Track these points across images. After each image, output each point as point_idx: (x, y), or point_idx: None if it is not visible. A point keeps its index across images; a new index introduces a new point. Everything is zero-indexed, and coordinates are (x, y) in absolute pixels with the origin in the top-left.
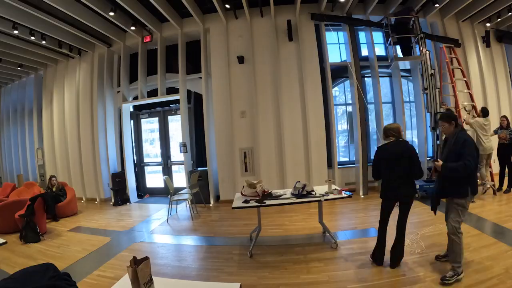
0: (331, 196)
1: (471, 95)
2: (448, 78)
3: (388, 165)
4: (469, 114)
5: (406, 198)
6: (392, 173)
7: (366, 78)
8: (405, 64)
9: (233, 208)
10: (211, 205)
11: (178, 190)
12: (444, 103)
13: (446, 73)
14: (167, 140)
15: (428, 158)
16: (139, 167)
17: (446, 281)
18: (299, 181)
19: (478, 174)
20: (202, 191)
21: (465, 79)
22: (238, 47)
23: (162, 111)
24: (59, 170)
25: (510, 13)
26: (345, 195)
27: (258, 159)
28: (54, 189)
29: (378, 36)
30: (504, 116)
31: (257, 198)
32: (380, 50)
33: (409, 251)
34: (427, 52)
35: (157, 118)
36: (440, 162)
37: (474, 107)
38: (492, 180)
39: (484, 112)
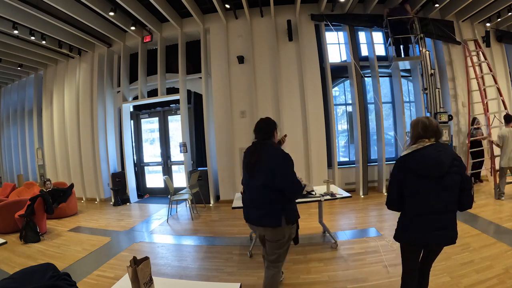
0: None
1: (503, 102)
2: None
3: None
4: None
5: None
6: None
7: (366, 78)
8: (405, 64)
9: (233, 208)
10: (211, 205)
11: (178, 190)
12: (443, 108)
13: (445, 72)
14: (167, 140)
15: None
16: (139, 167)
17: None
18: None
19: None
20: (202, 191)
21: (497, 85)
22: (238, 47)
23: (162, 111)
24: (59, 170)
25: (510, 13)
26: (345, 195)
27: None
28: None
29: (378, 36)
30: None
31: None
32: (380, 50)
33: None
34: (427, 52)
35: (157, 118)
36: None
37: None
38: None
39: (507, 119)
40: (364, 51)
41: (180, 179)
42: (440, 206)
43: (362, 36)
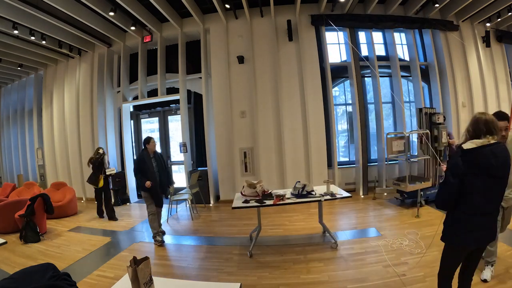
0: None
1: None
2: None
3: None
4: None
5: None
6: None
7: (366, 78)
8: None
9: (233, 208)
10: (211, 205)
11: (178, 190)
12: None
13: (444, 70)
14: (167, 140)
15: None
16: None
17: None
18: (299, 181)
19: None
20: (202, 191)
21: None
22: (238, 47)
23: (162, 111)
24: (59, 170)
25: (510, 13)
26: (345, 195)
27: (258, 159)
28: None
29: (378, 36)
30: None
31: (257, 198)
32: (380, 50)
33: (409, 251)
34: None
35: (157, 118)
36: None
37: None
38: None
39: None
40: (364, 51)
41: (180, 179)
42: (498, 205)
43: (362, 36)
